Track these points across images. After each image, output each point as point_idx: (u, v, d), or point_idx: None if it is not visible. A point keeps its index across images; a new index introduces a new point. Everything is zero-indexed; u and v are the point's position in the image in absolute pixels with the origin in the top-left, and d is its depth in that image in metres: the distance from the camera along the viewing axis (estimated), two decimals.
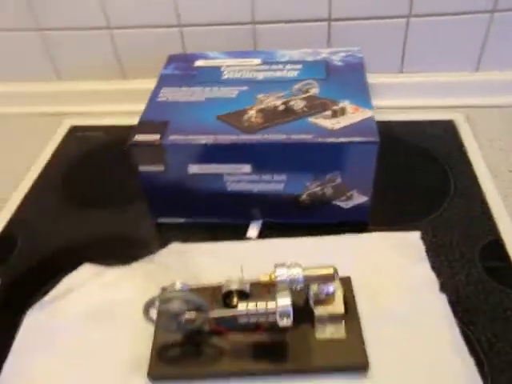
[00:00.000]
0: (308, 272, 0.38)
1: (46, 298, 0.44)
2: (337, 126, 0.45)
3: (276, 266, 0.38)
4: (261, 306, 0.36)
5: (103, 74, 0.71)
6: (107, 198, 0.58)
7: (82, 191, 0.59)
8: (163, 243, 0.50)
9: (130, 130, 0.48)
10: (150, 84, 0.54)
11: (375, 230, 0.49)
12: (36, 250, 0.51)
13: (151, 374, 0.38)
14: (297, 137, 0.44)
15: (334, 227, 0.49)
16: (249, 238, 0.50)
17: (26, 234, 0.53)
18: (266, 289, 0.39)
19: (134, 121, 0.49)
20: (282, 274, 0.38)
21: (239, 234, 0.51)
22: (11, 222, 0.55)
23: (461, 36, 0.62)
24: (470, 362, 0.37)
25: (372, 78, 0.55)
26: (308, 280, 0.38)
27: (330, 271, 0.38)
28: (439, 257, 0.46)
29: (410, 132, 0.63)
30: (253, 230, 0.51)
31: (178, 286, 0.37)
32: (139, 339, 0.40)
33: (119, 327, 0.42)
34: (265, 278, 0.38)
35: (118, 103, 0.71)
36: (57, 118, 0.71)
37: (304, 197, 0.48)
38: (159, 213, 0.52)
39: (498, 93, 0.65)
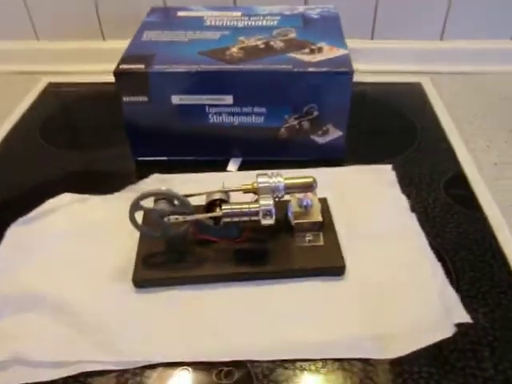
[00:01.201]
0: (289, 181, 0.40)
1: (30, 214, 0.44)
2: (314, 60, 0.48)
3: (258, 175, 0.40)
4: (244, 206, 0.38)
5: (82, 34, 0.71)
6: (87, 142, 0.59)
7: (60, 137, 0.59)
8: (145, 177, 0.51)
9: (106, 85, 0.48)
10: None
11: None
12: (15, 185, 0.51)
13: (135, 280, 0.39)
14: (276, 66, 0.47)
15: (311, 163, 0.51)
16: (229, 171, 0.52)
17: (3, 173, 0.53)
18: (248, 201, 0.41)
19: (112, 79, 0.49)
20: (264, 182, 0.40)
21: (219, 170, 0.52)
22: None
23: (427, 4, 0.68)
24: (437, 264, 0.40)
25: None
26: (289, 188, 0.40)
27: (310, 180, 0.40)
28: (409, 186, 0.49)
29: (380, 92, 0.67)
30: (233, 166, 0.52)
31: (163, 188, 0.38)
32: (123, 253, 0.41)
33: (103, 242, 0.42)
34: (247, 187, 0.40)
35: (96, 63, 0.71)
36: (34, 76, 0.71)
37: (283, 130, 0.50)
38: (140, 151, 0.53)
39: (462, 61, 0.70)
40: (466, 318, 0.36)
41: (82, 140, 0.59)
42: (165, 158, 0.53)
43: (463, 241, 0.43)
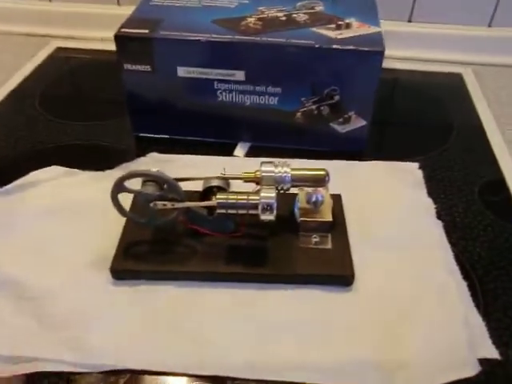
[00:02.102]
0: (297, 172, 0.35)
1: (9, 186, 0.40)
2: (340, 36, 0.42)
3: (262, 163, 0.35)
4: (242, 197, 0.33)
5: None
6: (87, 112, 0.54)
7: (60, 105, 0.55)
8: (142, 155, 0.46)
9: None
10: None
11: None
12: (1, 153, 0.47)
13: (114, 269, 0.34)
14: (295, 41, 0.41)
15: (328, 155, 0.46)
16: (235, 157, 0.47)
17: None
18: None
19: None
20: (269, 171, 0.34)
21: (225, 154, 0.47)
22: None
23: None
24: (463, 284, 0.34)
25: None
26: (296, 181, 0.35)
27: (322, 173, 0.35)
28: (437, 189, 0.43)
29: (414, 81, 0.60)
30: (240, 151, 0.47)
31: (154, 170, 0.33)
32: (107, 238, 0.37)
33: (86, 224, 0.38)
34: (249, 175, 0.35)
35: (108, 29, 0.67)
36: (44, 39, 0.67)
37: (299, 115, 0.45)
38: (141, 126, 0.48)
39: (510, 52, 0.63)
40: (493, 353, 0.30)
41: (82, 110, 0.54)
42: (166, 136, 0.48)
43: (496, 258, 0.37)
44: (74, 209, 0.39)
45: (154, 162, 0.44)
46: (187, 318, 0.32)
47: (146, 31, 0.42)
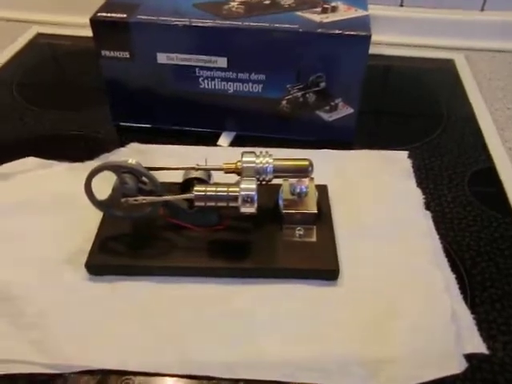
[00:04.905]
0: (279, 162, 0.34)
1: None
2: (326, 20, 0.40)
3: (244, 153, 0.34)
4: (221, 189, 0.32)
5: None
6: (66, 101, 0.52)
7: (39, 93, 0.54)
8: (123, 145, 0.45)
9: None
10: None
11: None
12: None
13: (89, 265, 0.33)
14: (280, 26, 0.39)
15: (316, 144, 0.44)
16: (219, 146, 0.45)
17: None
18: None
19: None
20: (250, 162, 0.33)
21: (209, 144, 0.46)
22: None
23: None
24: (451, 277, 0.33)
25: (369, 10, 0.49)
26: (279, 172, 0.33)
27: (305, 163, 0.34)
28: (426, 179, 0.42)
29: (405, 67, 0.59)
30: (224, 140, 0.46)
31: (132, 161, 0.32)
32: (84, 232, 0.35)
33: (62, 217, 0.37)
34: (229, 166, 0.34)
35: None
36: (25, 24, 0.65)
37: (284, 103, 0.43)
38: (121, 115, 0.46)
39: (504, 37, 0.61)
40: (481, 347, 0.29)
41: (61, 98, 0.52)
42: (149, 126, 0.47)
43: (485, 249, 0.36)
44: (49, 202, 0.38)
45: (135, 153, 0.43)
46: (167, 316, 0.31)
47: (124, 15, 0.40)
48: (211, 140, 0.46)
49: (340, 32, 0.39)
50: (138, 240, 0.34)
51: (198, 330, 0.30)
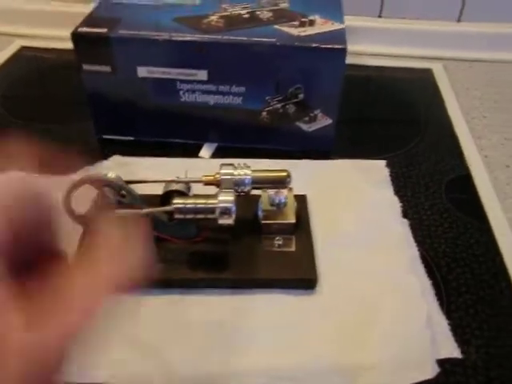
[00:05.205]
0: (257, 174, 0.34)
1: None
2: (303, 34, 0.41)
3: (222, 165, 0.34)
4: (200, 201, 0.32)
5: None
6: (50, 114, 0.52)
7: (23, 106, 0.54)
8: (105, 158, 0.45)
9: None
10: None
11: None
12: None
13: None
14: (258, 39, 0.40)
15: (296, 155, 0.45)
16: (200, 158, 0.46)
17: None
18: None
19: None
20: (228, 174, 0.34)
21: (190, 155, 0.46)
22: None
23: None
24: (428, 283, 0.34)
25: (348, 21, 0.48)
26: (257, 183, 0.34)
27: (283, 174, 0.34)
28: (404, 187, 0.43)
29: (384, 77, 0.60)
30: (206, 152, 0.46)
31: (111, 175, 0.32)
32: (65, 246, 0.36)
33: None
34: (208, 178, 0.34)
35: None
36: (9, 38, 0.65)
37: (264, 114, 0.44)
38: (104, 128, 0.47)
39: (481, 47, 0.63)
40: (455, 352, 0.30)
41: (45, 112, 0.53)
42: (131, 138, 0.47)
43: (460, 255, 0.37)
44: None
45: (117, 165, 0.43)
46: (146, 328, 0.31)
47: (104, 30, 0.41)
48: (193, 151, 0.47)
49: (317, 45, 0.40)
50: None
51: (178, 341, 0.31)
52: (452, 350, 0.30)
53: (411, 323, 0.31)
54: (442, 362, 0.29)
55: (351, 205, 0.40)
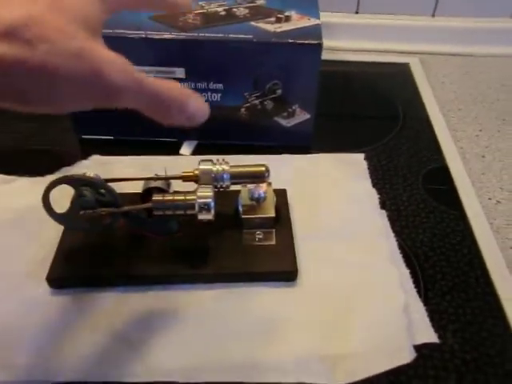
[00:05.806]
0: (236, 169, 0.35)
1: None
2: (279, 30, 0.42)
3: (201, 161, 0.35)
4: (178, 197, 0.32)
5: None
6: (28, 114, 0.51)
7: None
8: (85, 158, 0.45)
9: None
10: None
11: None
12: None
13: (50, 278, 0.33)
14: (235, 36, 0.41)
15: (276, 150, 0.46)
16: (181, 155, 0.46)
17: None
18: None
19: None
20: (206, 169, 0.34)
21: (171, 153, 0.46)
22: None
23: None
24: (406, 272, 0.35)
25: (325, 17, 0.50)
26: (236, 178, 0.34)
27: (261, 169, 0.35)
28: (382, 179, 0.44)
29: (362, 72, 0.61)
30: (186, 149, 0.47)
31: (90, 174, 0.32)
32: (47, 246, 0.35)
33: (24, 231, 0.37)
34: (187, 174, 0.34)
35: None
36: None
37: (243, 110, 0.44)
38: (84, 128, 0.47)
39: (456, 41, 0.64)
40: (432, 337, 0.31)
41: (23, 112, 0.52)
42: (111, 137, 0.47)
43: (438, 244, 0.38)
44: (9, 217, 0.38)
45: (97, 165, 0.43)
46: (129, 324, 0.32)
47: None
48: (174, 149, 0.47)
49: (292, 41, 0.40)
50: (100, 251, 0.35)
51: (161, 336, 0.31)
52: (429, 336, 0.31)
53: (389, 311, 0.32)
54: (419, 348, 0.30)
55: (330, 198, 0.40)
